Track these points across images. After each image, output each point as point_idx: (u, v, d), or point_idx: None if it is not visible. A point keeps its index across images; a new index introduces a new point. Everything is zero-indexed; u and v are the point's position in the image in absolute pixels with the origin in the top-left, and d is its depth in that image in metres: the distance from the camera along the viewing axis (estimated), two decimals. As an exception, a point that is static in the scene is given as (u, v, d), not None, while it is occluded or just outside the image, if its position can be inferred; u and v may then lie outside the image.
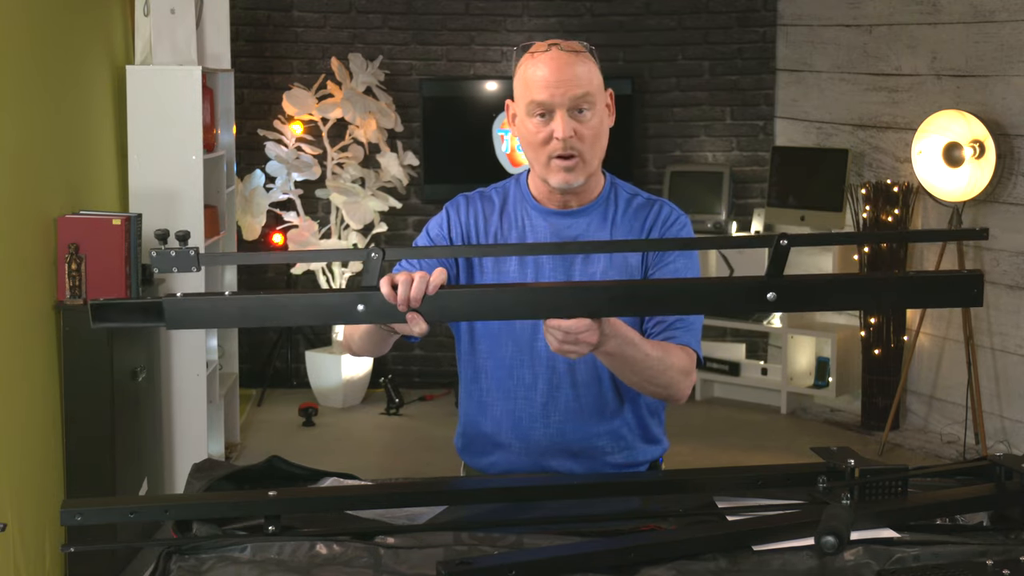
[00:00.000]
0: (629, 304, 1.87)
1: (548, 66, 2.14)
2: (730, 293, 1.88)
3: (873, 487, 1.93)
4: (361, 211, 6.24)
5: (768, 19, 6.78)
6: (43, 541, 3.74)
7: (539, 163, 2.19)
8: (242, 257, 1.93)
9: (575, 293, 1.84)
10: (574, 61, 2.15)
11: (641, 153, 6.90)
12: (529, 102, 2.16)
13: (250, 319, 1.85)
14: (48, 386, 3.91)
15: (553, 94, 2.13)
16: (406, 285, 1.80)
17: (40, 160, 3.93)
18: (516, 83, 2.21)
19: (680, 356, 2.15)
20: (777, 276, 1.79)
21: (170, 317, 1.79)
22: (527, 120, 2.18)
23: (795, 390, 6.39)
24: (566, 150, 2.15)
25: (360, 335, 2.17)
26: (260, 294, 1.82)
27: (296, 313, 1.86)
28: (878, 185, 5.97)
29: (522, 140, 2.22)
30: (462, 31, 6.88)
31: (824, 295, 1.88)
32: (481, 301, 1.85)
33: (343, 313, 1.84)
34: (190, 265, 1.74)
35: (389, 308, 1.82)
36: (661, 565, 1.75)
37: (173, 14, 4.83)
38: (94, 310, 1.78)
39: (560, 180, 2.18)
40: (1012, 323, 5.47)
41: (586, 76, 2.15)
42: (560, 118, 2.14)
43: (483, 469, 2.31)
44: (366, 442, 5.93)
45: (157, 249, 1.74)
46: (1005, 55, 5.46)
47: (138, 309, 1.80)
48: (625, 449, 2.27)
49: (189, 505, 1.91)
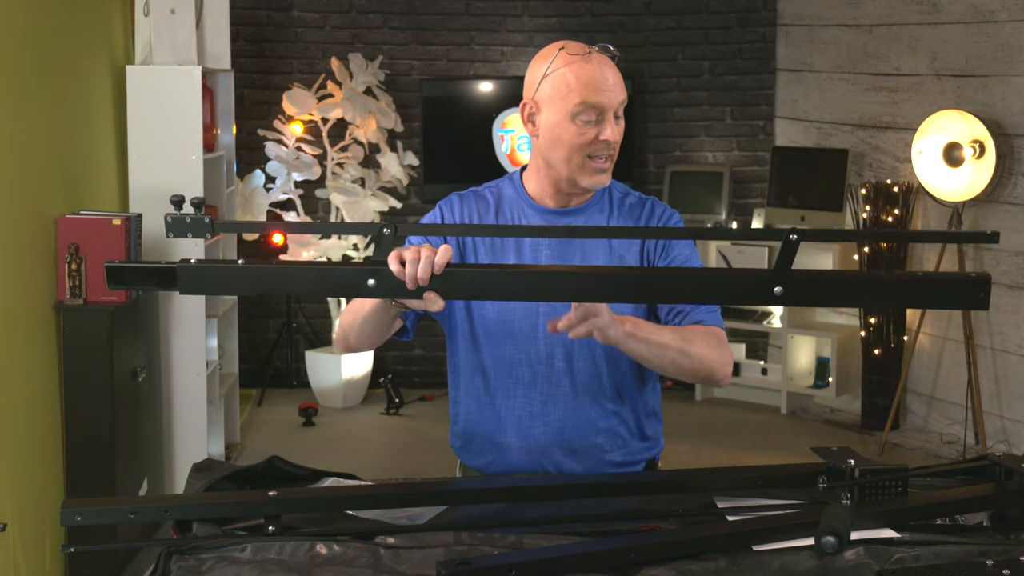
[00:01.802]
0: (639, 291, 1.90)
1: (602, 70, 2.16)
2: (738, 284, 1.88)
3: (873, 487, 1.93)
4: (361, 211, 6.24)
5: (768, 19, 6.78)
6: (43, 541, 3.74)
7: (572, 163, 2.19)
8: (255, 225, 1.96)
9: (585, 278, 1.86)
10: (615, 66, 2.20)
11: (641, 153, 6.90)
12: (579, 103, 2.15)
13: (261, 286, 1.88)
14: (48, 386, 3.91)
15: (609, 98, 2.15)
16: (413, 264, 1.83)
17: (40, 160, 3.93)
18: (556, 83, 2.17)
19: (706, 336, 2.16)
20: (785, 270, 1.79)
21: (183, 282, 1.81)
22: (568, 122, 2.16)
23: (795, 390, 6.39)
24: (609, 152, 2.18)
25: (363, 318, 2.16)
26: (272, 263, 1.84)
27: (307, 283, 1.88)
28: (878, 185, 5.97)
29: (555, 141, 2.19)
30: (462, 31, 6.88)
31: (830, 292, 1.87)
32: (491, 280, 1.86)
33: (354, 285, 1.86)
34: (204, 232, 1.76)
35: (399, 283, 1.84)
36: (661, 565, 1.75)
37: (173, 14, 4.83)
38: (110, 272, 1.81)
39: (595, 181, 2.20)
40: (1012, 323, 5.47)
41: (622, 82, 2.20)
42: (610, 121, 2.17)
43: (481, 468, 2.31)
44: (366, 442, 5.93)
45: (172, 214, 1.75)
46: (1005, 55, 5.46)
47: (153, 273, 1.84)
48: (623, 447, 2.28)
49: (189, 505, 1.91)
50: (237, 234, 5.92)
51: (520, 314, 2.23)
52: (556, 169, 2.22)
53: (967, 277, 1.83)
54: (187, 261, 1.81)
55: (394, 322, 2.17)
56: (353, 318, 2.20)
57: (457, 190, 2.37)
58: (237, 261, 1.83)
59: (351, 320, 2.21)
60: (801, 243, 1.75)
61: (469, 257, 2.26)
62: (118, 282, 1.82)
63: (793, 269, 1.79)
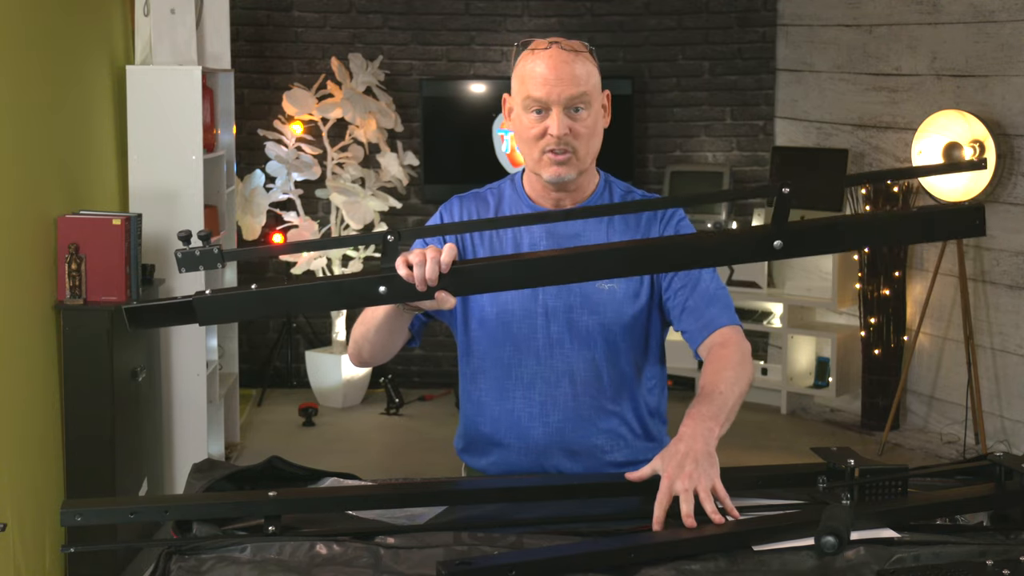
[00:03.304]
0: (641, 263, 1.92)
1: (547, 63, 2.15)
2: (738, 244, 1.91)
3: (873, 487, 1.93)
4: (361, 211, 6.24)
5: (768, 19, 6.78)
6: (43, 541, 3.74)
7: (532, 157, 2.21)
8: (264, 251, 1.96)
9: (586, 257, 1.88)
10: (573, 60, 2.16)
11: (641, 153, 6.90)
12: (526, 97, 2.17)
13: (276, 308, 1.89)
14: (48, 386, 3.91)
15: (551, 92, 2.14)
16: (420, 266, 1.85)
17: (40, 160, 3.93)
18: (514, 78, 2.22)
19: (737, 364, 2.14)
20: (781, 224, 1.82)
21: (201, 315, 1.83)
22: (523, 115, 2.19)
23: (795, 390, 6.39)
24: (559, 146, 2.16)
25: (377, 326, 2.16)
26: (284, 284, 1.87)
27: (321, 299, 1.91)
28: (878, 185, 5.97)
29: (516, 134, 2.24)
30: (462, 31, 6.88)
31: (829, 238, 1.89)
32: (499, 271, 1.88)
33: (366, 294, 1.87)
34: (215, 263, 1.78)
35: (410, 287, 1.86)
36: (661, 565, 1.74)
37: (173, 14, 4.83)
38: (129, 314, 1.84)
39: (552, 173, 2.19)
40: (1012, 323, 5.47)
41: (584, 76, 2.16)
42: (556, 115, 2.15)
43: (483, 469, 2.31)
44: (366, 442, 5.93)
45: (182, 250, 1.77)
46: (1005, 55, 5.46)
47: (171, 310, 1.85)
48: (624, 448, 2.27)
49: (189, 505, 1.91)
50: (237, 232, 5.92)
51: (519, 315, 2.23)
52: (527, 163, 2.25)
53: (962, 206, 1.85)
54: (201, 293, 1.83)
55: (407, 327, 2.17)
56: (366, 329, 2.19)
57: (457, 190, 2.38)
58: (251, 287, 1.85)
59: (364, 331, 2.20)
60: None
61: (469, 257, 2.26)
62: (138, 324, 1.84)
63: (789, 222, 1.82)
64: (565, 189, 2.23)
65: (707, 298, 2.20)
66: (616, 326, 2.22)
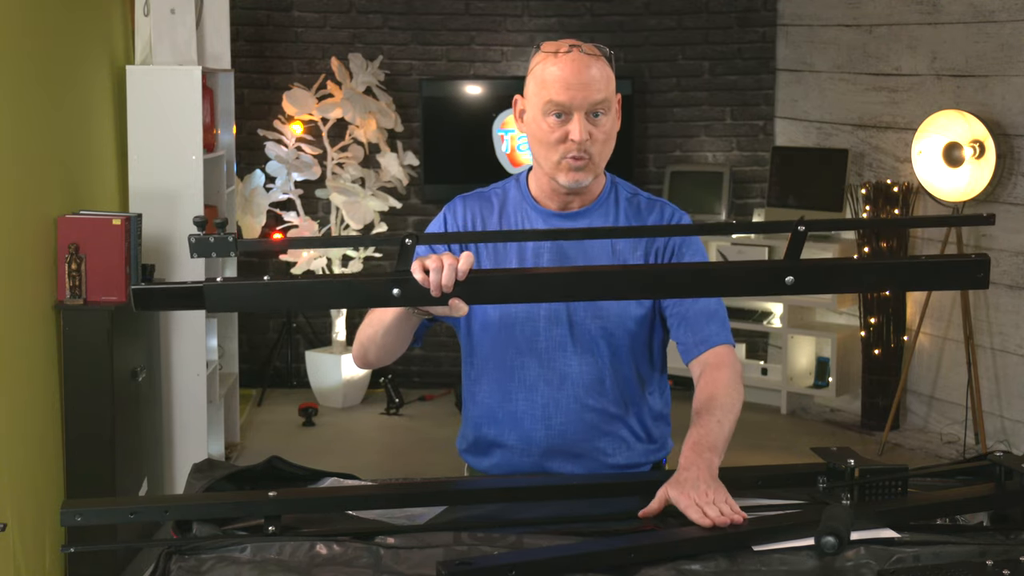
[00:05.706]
0: (655, 288, 1.95)
1: (570, 67, 2.13)
2: (750, 276, 1.92)
3: (873, 487, 1.93)
4: (361, 211, 6.24)
5: (768, 19, 6.78)
6: (43, 541, 3.74)
7: (549, 161, 2.19)
8: (278, 243, 1.96)
9: (603, 277, 1.89)
10: (593, 64, 2.15)
11: (641, 153, 6.90)
12: (547, 101, 2.14)
13: (287, 302, 1.90)
14: (48, 386, 3.91)
15: (573, 96, 2.13)
16: (437, 272, 1.84)
17: (40, 160, 3.93)
18: (532, 80, 2.19)
19: (728, 385, 2.15)
20: (794, 260, 1.83)
21: (210, 301, 1.81)
22: (541, 119, 2.16)
23: (795, 390, 6.39)
24: (579, 152, 2.15)
25: (385, 329, 2.14)
26: (297, 279, 1.86)
27: (333, 297, 1.90)
28: (878, 185, 5.97)
29: (532, 137, 2.20)
30: (462, 31, 6.88)
31: (837, 278, 1.95)
32: (514, 284, 1.89)
33: (380, 296, 1.87)
34: (228, 251, 1.76)
35: (424, 291, 1.85)
36: (661, 565, 1.75)
37: (173, 14, 4.83)
38: (136, 295, 1.81)
39: (571, 179, 2.17)
40: (1012, 323, 5.47)
41: (603, 80, 2.16)
42: (577, 120, 2.13)
43: (485, 470, 2.31)
44: (366, 442, 5.93)
45: (196, 235, 1.75)
46: (1005, 55, 5.46)
47: (179, 294, 1.83)
48: (626, 451, 2.27)
49: (189, 505, 1.91)
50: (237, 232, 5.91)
51: (522, 318, 2.22)
52: (542, 167, 2.22)
53: (968, 258, 1.88)
54: (212, 280, 1.81)
55: (413, 331, 2.16)
56: (374, 331, 2.18)
57: (457, 190, 2.37)
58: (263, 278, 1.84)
59: (371, 333, 2.19)
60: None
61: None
62: (145, 305, 1.82)
63: (801, 259, 1.84)
64: (576, 191, 2.23)
65: (707, 314, 2.20)
66: (619, 331, 2.22)
